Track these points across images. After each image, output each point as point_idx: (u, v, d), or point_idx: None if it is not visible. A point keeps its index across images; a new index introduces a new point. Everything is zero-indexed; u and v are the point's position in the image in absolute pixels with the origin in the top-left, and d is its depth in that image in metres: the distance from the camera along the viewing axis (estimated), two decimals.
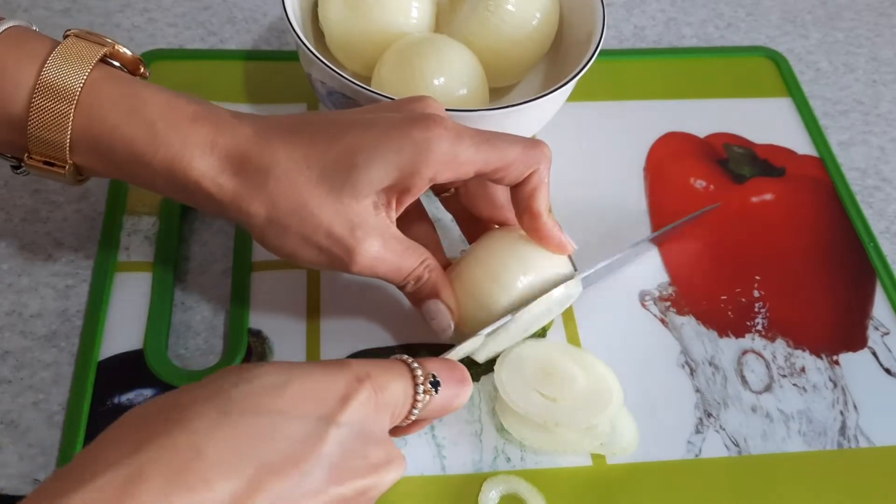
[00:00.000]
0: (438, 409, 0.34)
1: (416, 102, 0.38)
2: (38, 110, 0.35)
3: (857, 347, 0.45)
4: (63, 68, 0.35)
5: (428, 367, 0.34)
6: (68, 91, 0.35)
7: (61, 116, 0.35)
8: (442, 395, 0.34)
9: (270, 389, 0.30)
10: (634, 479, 0.40)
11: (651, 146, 0.53)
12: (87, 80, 0.36)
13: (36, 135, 0.36)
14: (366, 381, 0.31)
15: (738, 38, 0.62)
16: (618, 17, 0.62)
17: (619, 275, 0.47)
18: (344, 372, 0.31)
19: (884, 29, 0.64)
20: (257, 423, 0.29)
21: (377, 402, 0.31)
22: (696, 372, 0.44)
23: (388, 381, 0.32)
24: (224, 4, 0.59)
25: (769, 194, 0.52)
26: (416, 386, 0.33)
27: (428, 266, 0.38)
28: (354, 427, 0.30)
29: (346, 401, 0.30)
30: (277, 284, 0.44)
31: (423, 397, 0.33)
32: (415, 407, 0.33)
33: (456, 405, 0.35)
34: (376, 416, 0.32)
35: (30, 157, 0.37)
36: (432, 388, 0.34)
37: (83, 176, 0.39)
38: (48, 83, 0.35)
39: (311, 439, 0.29)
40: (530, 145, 0.38)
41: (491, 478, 0.39)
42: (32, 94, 0.35)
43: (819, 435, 0.42)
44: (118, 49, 0.37)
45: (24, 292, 0.44)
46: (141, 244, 0.45)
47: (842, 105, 0.58)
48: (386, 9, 0.48)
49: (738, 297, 0.47)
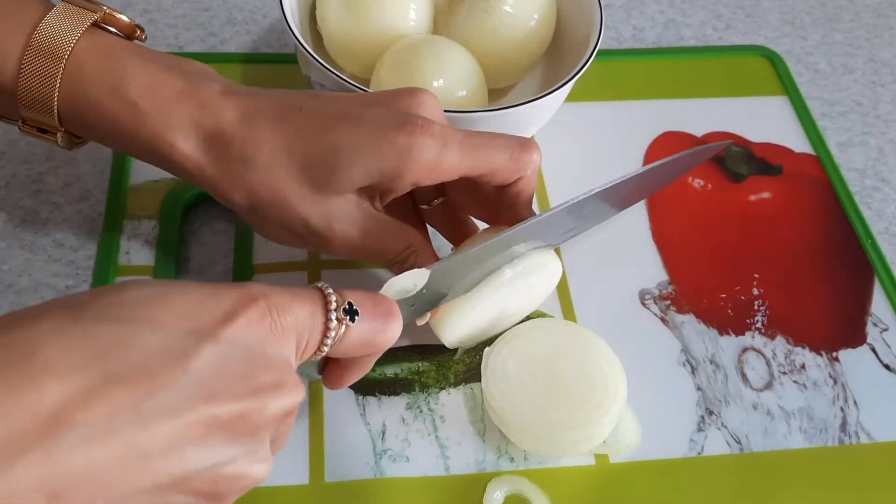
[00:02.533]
0: (360, 343, 0.32)
1: (410, 98, 0.37)
2: (27, 73, 0.35)
3: (857, 344, 0.46)
4: (53, 32, 0.35)
5: (347, 295, 0.31)
6: (55, 55, 0.35)
7: (49, 81, 0.35)
8: (361, 327, 0.31)
9: (139, 301, 0.27)
10: (638, 477, 0.40)
11: (649, 146, 0.54)
12: (73, 49, 0.35)
13: (26, 99, 0.36)
14: (260, 300, 0.28)
15: (736, 40, 0.62)
16: (617, 18, 0.62)
17: (618, 274, 0.47)
18: (235, 290, 0.28)
19: (882, 30, 0.64)
20: (112, 331, 0.26)
21: (274, 324, 0.28)
22: (696, 370, 0.44)
23: (290, 303, 0.29)
24: (224, 6, 0.59)
25: (767, 192, 0.52)
26: (327, 312, 0.30)
27: (414, 250, 0.38)
28: (238, 346, 0.27)
29: (231, 317, 0.27)
30: (278, 286, 0.44)
31: (335, 325, 0.30)
32: (327, 336, 0.30)
33: (381, 341, 0.33)
34: (273, 338, 0.28)
35: (24, 123, 0.37)
36: (347, 316, 0.31)
37: (80, 139, 0.39)
38: (38, 46, 0.35)
39: (176, 352, 0.26)
40: (519, 149, 0.37)
41: (495, 478, 0.39)
42: (23, 57, 0.35)
43: (820, 431, 0.42)
44: (112, 14, 0.37)
45: (23, 293, 0.43)
46: (141, 248, 0.45)
47: (840, 106, 0.59)
48: (384, 11, 0.48)
49: (737, 295, 0.47)
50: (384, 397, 0.41)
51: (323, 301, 0.30)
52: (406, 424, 0.40)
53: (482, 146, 0.37)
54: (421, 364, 0.42)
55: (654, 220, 0.50)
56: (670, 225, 0.50)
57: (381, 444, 0.40)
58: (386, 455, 0.39)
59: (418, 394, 0.41)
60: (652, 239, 0.49)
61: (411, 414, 0.41)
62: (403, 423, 0.40)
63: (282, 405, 0.28)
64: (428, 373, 0.42)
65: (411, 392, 0.41)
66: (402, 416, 0.41)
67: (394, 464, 0.39)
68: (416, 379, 0.42)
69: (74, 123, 0.37)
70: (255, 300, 0.28)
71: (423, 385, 0.42)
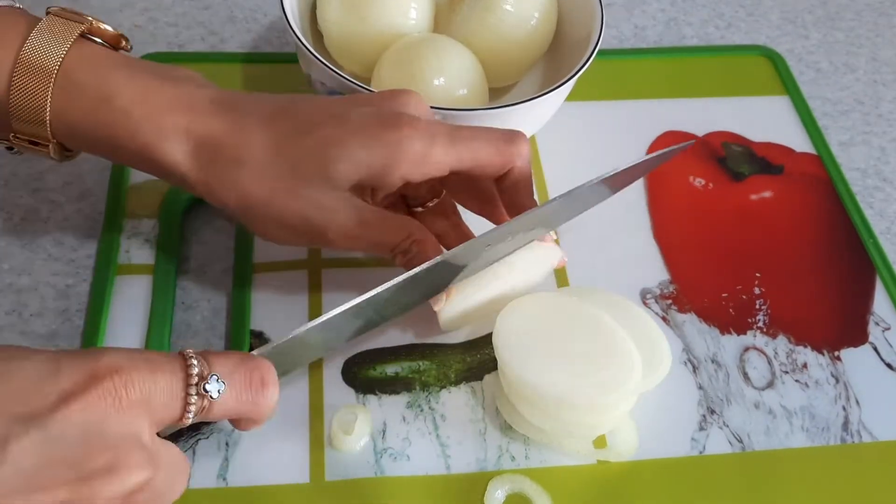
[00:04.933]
0: (229, 413, 0.31)
1: (394, 99, 0.38)
2: (17, 89, 0.36)
3: (858, 343, 0.46)
4: (41, 47, 0.36)
5: (215, 365, 0.30)
6: (45, 70, 0.35)
7: (40, 95, 0.36)
8: (228, 398, 0.30)
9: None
10: (639, 476, 0.40)
11: (650, 145, 0.54)
12: (63, 62, 0.36)
13: (17, 114, 0.36)
14: (105, 378, 0.27)
15: (738, 39, 0.62)
16: (618, 17, 0.62)
17: (620, 273, 0.47)
18: (80, 366, 0.28)
19: (884, 29, 0.64)
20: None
21: (119, 402, 0.27)
22: (698, 369, 0.44)
23: (142, 378, 0.28)
24: (224, 4, 0.59)
25: (768, 192, 0.52)
26: (187, 387, 0.29)
27: (415, 240, 0.37)
28: (71, 429, 0.26)
29: (67, 400, 0.27)
30: (279, 286, 0.44)
31: (196, 399, 0.29)
32: (187, 410, 0.29)
33: (257, 413, 0.32)
34: (116, 415, 0.28)
35: (15, 136, 0.37)
36: (208, 393, 0.29)
37: (70, 152, 0.39)
38: (26, 62, 0.35)
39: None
40: (505, 140, 0.38)
41: (496, 477, 0.39)
42: (12, 73, 0.35)
43: (822, 430, 0.42)
44: (98, 25, 0.37)
45: (24, 292, 0.43)
46: (141, 247, 0.45)
47: (842, 105, 0.59)
48: (384, 9, 0.48)
49: (738, 295, 0.47)
50: (384, 396, 0.41)
51: (184, 373, 0.29)
52: (407, 423, 0.40)
53: (468, 139, 0.37)
54: (421, 363, 0.42)
55: (656, 219, 0.50)
56: (672, 224, 0.49)
57: (381, 442, 0.39)
58: (386, 454, 0.39)
59: (419, 392, 0.41)
60: (653, 238, 0.49)
61: (412, 412, 0.41)
62: (404, 422, 0.40)
63: (116, 489, 0.27)
64: (428, 371, 0.42)
65: (412, 391, 0.41)
66: (402, 414, 0.40)
67: (394, 463, 0.39)
68: (417, 377, 0.42)
69: (66, 135, 0.37)
70: (98, 380, 0.27)
71: (423, 384, 0.42)
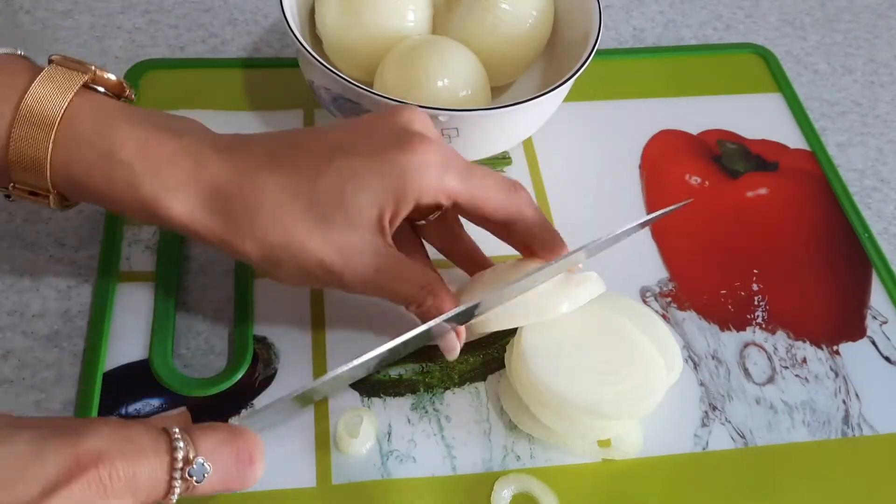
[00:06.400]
0: (218, 490, 0.31)
1: (399, 117, 0.37)
2: (18, 139, 0.35)
3: (857, 337, 0.46)
4: (43, 98, 0.35)
5: (202, 443, 0.30)
6: (47, 121, 0.35)
7: (41, 146, 0.35)
8: (213, 479, 0.30)
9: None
10: (643, 473, 0.40)
11: (645, 144, 0.54)
12: (64, 114, 0.35)
13: (17, 164, 0.35)
14: (91, 468, 0.27)
15: (736, 40, 0.62)
16: (617, 18, 0.62)
17: (619, 272, 0.47)
18: (62, 452, 0.27)
19: (882, 31, 0.65)
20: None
21: (105, 490, 0.27)
22: (699, 366, 0.44)
23: (126, 464, 0.28)
24: (225, 6, 0.59)
25: (763, 189, 0.52)
26: (172, 471, 0.29)
27: (431, 291, 0.37)
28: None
29: (50, 493, 0.26)
30: (281, 290, 0.44)
31: (179, 483, 0.29)
32: (171, 493, 0.29)
33: (241, 486, 0.31)
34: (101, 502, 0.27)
35: (14, 186, 0.37)
36: (193, 477, 0.29)
37: (69, 202, 0.38)
38: (28, 112, 0.35)
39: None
40: (512, 189, 0.38)
41: (502, 477, 0.39)
42: (13, 123, 0.35)
43: (823, 424, 0.42)
44: (101, 74, 0.37)
45: (25, 292, 0.43)
46: (142, 254, 0.45)
47: (840, 106, 0.59)
48: (382, 12, 0.48)
49: (737, 291, 0.47)
50: (389, 398, 0.41)
51: (170, 457, 0.29)
52: (412, 425, 0.40)
53: (480, 176, 0.37)
54: (425, 365, 0.42)
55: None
56: (669, 222, 0.50)
57: (387, 445, 0.40)
58: (393, 456, 0.39)
59: (423, 394, 0.41)
60: (651, 237, 0.49)
61: (417, 414, 0.41)
62: (409, 424, 0.40)
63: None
64: (432, 373, 0.42)
65: (416, 393, 0.41)
66: (407, 416, 0.41)
67: (401, 465, 0.39)
68: (421, 379, 0.42)
69: (67, 186, 0.36)
70: (83, 469, 0.27)
71: (427, 385, 0.42)
